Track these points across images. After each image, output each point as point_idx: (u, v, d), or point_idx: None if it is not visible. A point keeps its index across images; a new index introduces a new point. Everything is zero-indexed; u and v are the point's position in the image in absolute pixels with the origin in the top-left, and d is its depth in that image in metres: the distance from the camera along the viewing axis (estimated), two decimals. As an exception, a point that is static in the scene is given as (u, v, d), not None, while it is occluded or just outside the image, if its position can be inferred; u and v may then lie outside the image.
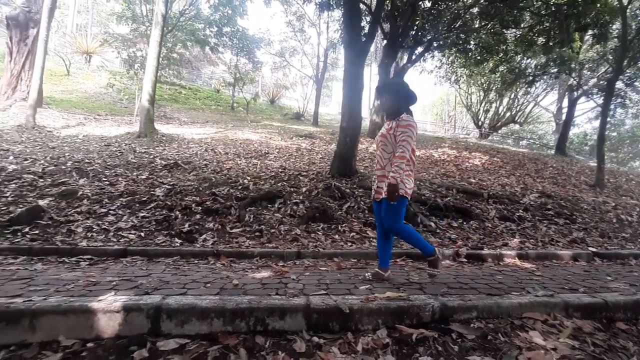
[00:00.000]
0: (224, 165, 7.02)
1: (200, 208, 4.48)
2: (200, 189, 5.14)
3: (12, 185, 4.82)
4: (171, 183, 5.35)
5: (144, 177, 5.69)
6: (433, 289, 2.33)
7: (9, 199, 4.39)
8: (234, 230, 4.09)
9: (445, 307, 1.97)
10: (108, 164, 6.33)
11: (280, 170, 6.80)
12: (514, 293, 2.27)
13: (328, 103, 34.42)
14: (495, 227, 4.91)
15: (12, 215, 3.82)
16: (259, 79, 24.85)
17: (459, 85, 21.09)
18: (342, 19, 10.73)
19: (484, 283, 2.56)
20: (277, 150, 9.45)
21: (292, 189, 5.34)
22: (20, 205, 4.16)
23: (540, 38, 10.55)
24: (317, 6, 10.64)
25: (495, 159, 11.84)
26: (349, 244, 4.02)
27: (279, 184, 5.59)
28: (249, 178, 5.81)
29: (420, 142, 14.12)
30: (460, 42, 11.37)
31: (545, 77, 14.51)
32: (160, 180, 5.50)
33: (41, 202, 4.24)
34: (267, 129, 13.94)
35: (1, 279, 2.28)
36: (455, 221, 4.96)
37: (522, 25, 10.88)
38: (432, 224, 4.72)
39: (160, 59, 10.72)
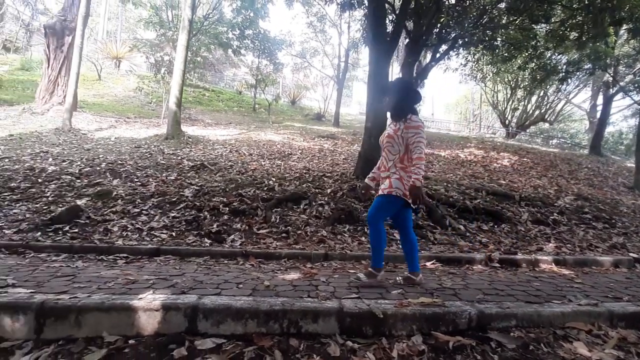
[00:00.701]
0: (249, 167, 7.12)
1: (227, 209, 4.56)
2: (227, 189, 5.23)
3: (52, 186, 5.08)
4: (199, 184, 5.48)
5: (172, 178, 5.86)
6: (468, 295, 2.26)
7: (50, 198, 4.63)
8: (261, 231, 4.14)
9: (483, 314, 1.91)
10: (139, 165, 6.56)
11: (304, 171, 6.82)
12: (554, 301, 2.18)
13: (349, 103, 34.22)
14: (528, 231, 4.73)
15: (53, 214, 4.03)
16: (280, 80, 25.04)
17: (485, 83, 20.47)
18: (364, 19, 10.65)
19: (520, 290, 2.47)
20: (299, 151, 9.50)
21: (317, 190, 5.35)
22: (60, 205, 4.38)
23: (573, 33, 10.07)
24: (339, 6, 10.59)
25: (525, 159, 11.43)
26: (376, 246, 3.98)
27: (304, 185, 5.62)
28: (273, 179, 5.87)
29: (444, 142, 13.83)
30: (487, 38, 10.98)
31: (578, 73, 13.85)
32: (189, 181, 5.65)
33: (79, 202, 4.45)
34: (289, 129, 14.04)
35: (47, 276, 2.40)
36: (486, 224, 4.81)
37: (552, 20, 10.42)
38: (462, 227, 4.60)
39: (187, 63, 11.00)
